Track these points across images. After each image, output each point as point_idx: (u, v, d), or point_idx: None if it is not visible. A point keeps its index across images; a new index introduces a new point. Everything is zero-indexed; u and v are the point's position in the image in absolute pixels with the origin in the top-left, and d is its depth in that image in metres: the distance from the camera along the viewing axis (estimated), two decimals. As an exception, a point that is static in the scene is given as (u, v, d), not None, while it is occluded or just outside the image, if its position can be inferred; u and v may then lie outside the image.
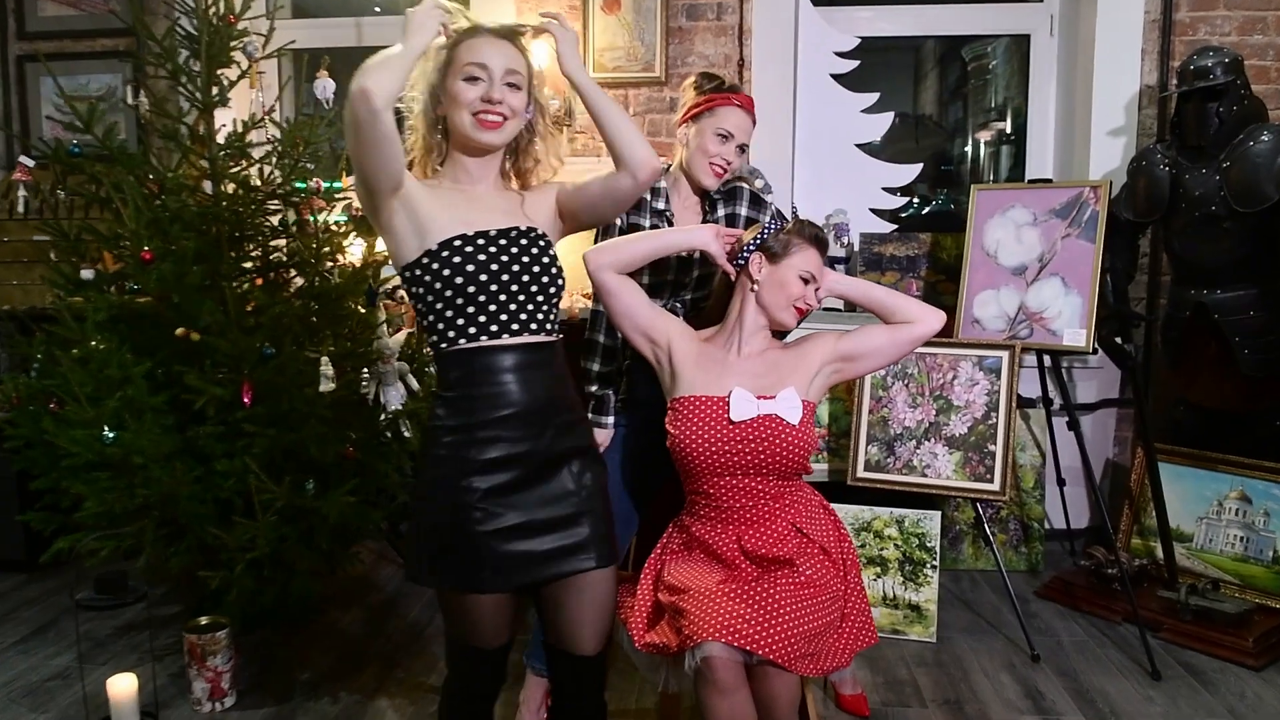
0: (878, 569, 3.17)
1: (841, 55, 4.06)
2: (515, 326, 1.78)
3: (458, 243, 1.75)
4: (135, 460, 2.70)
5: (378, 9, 4.62)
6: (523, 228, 1.83)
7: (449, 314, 1.77)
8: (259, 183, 3.09)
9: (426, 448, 1.83)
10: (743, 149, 2.45)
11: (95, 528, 2.80)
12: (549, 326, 1.84)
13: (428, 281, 1.75)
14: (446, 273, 1.74)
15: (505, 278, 1.77)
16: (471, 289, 1.74)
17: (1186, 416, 3.44)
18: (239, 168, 3.05)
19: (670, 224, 2.47)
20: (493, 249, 1.77)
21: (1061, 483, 3.65)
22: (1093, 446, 3.91)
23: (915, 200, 4.65)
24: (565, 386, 1.88)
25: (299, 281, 3.16)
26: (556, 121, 3.68)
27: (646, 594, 2.13)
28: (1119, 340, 3.25)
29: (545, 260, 1.83)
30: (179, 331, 2.83)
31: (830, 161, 4.07)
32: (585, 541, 1.82)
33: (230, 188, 3.01)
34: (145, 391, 2.79)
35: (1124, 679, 2.83)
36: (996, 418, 3.11)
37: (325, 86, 3.01)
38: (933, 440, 3.19)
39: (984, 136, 4.94)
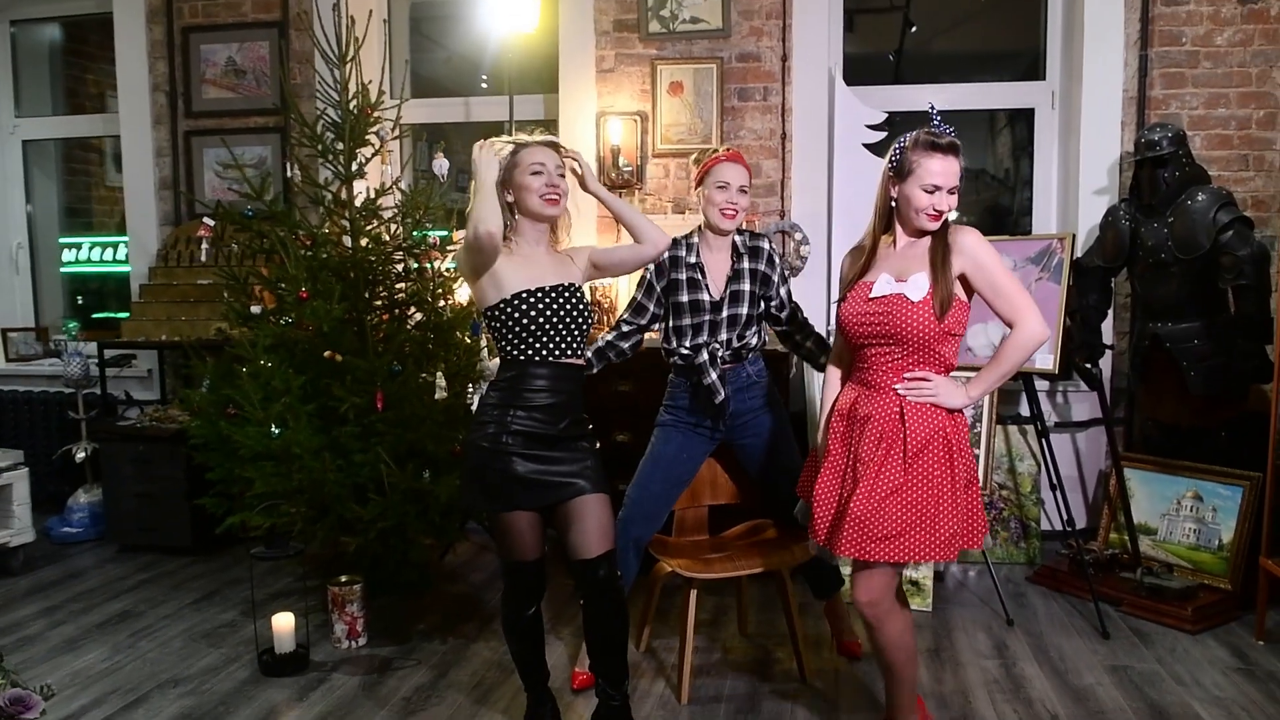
0: (885, 553, 3.81)
1: (872, 127, 4.69)
2: (558, 352, 2.57)
3: (524, 294, 2.53)
4: (294, 451, 3.48)
5: (484, 83, 5.44)
6: (566, 283, 2.61)
7: (517, 340, 2.55)
8: (388, 238, 3.89)
9: (478, 415, 2.61)
10: (743, 190, 2.91)
11: (262, 506, 3.59)
12: (577, 352, 2.62)
13: (503, 319, 2.54)
14: (518, 315, 2.52)
15: (555, 320, 2.55)
16: (534, 327, 2.53)
17: (1154, 431, 4.04)
18: (372, 226, 3.84)
19: (703, 274, 2.97)
20: (548, 299, 2.55)
21: (1054, 488, 4.22)
22: (1088, 458, 4.53)
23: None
24: (579, 397, 2.65)
25: (418, 316, 3.93)
26: (627, 184, 4.56)
27: None
28: (1088, 366, 3.88)
29: (582, 307, 2.62)
30: (326, 354, 3.62)
31: (865, 220, 4.67)
32: (583, 477, 2.56)
33: (365, 242, 3.81)
34: (300, 400, 3.57)
35: (1079, 638, 3.45)
36: (980, 427, 3.75)
37: (442, 165, 3.80)
38: (931, 447, 3.83)
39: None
